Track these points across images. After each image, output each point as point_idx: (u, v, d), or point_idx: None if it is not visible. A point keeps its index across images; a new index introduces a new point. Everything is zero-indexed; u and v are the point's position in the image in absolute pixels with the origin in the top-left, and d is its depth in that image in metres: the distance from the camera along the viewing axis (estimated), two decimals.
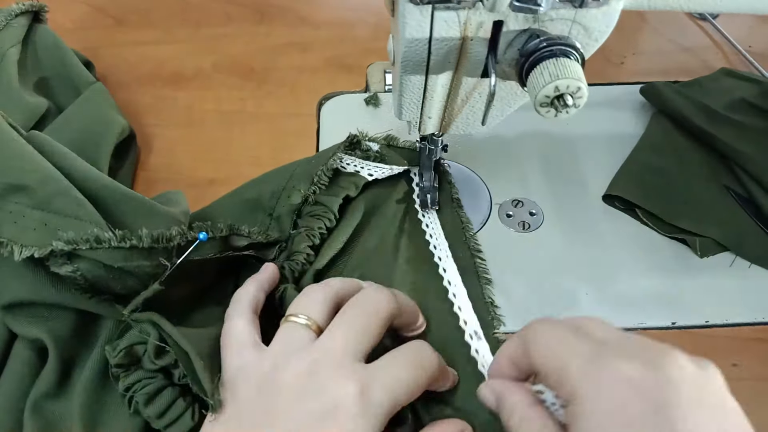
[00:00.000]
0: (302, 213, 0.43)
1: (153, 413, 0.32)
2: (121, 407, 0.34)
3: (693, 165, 0.49)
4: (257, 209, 0.43)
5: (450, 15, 0.29)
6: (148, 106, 0.56)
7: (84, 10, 0.67)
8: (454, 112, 0.38)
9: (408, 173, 0.48)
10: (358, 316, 0.32)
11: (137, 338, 0.33)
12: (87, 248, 0.32)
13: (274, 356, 0.31)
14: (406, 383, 0.30)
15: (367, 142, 0.46)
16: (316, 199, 0.43)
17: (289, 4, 0.68)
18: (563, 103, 0.27)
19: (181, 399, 0.33)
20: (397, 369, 0.30)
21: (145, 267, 0.34)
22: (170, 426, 0.33)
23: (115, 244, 0.32)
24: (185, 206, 0.43)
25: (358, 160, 0.46)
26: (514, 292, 0.42)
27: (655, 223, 0.45)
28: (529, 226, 0.46)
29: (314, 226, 0.42)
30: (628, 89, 0.56)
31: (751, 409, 0.36)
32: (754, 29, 0.65)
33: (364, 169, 0.46)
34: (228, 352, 0.33)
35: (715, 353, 0.39)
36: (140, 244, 0.33)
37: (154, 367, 0.33)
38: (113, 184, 0.37)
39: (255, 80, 0.59)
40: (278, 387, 0.30)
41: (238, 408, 0.30)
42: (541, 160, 0.51)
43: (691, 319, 0.41)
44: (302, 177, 0.43)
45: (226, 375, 0.32)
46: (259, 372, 0.31)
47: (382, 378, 0.29)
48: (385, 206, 0.46)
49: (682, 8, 0.31)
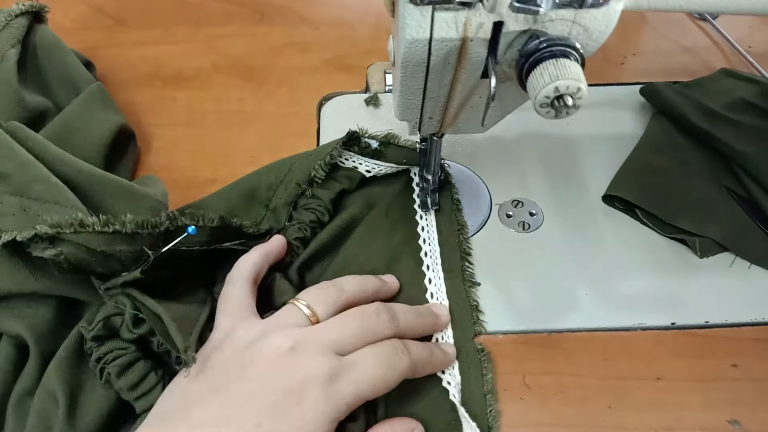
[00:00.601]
0: (298, 206, 0.43)
1: (125, 385, 0.33)
2: (96, 385, 0.34)
3: (693, 165, 0.49)
4: (254, 200, 0.43)
5: (450, 16, 0.29)
6: (147, 106, 0.56)
7: (84, 10, 0.67)
8: (454, 113, 0.38)
9: (408, 173, 0.48)
10: (355, 324, 0.33)
11: (114, 310, 0.34)
12: (71, 232, 0.32)
13: (265, 327, 0.33)
14: (374, 380, 0.32)
15: (367, 138, 0.46)
16: (313, 193, 0.44)
17: (289, 4, 0.68)
18: (563, 104, 0.27)
19: (153, 373, 0.34)
20: (368, 365, 0.32)
21: (128, 252, 0.34)
22: (140, 398, 0.34)
23: (98, 228, 0.32)
24: (163, 188, 0.44)
25: (356, 156, 0.47)
26: (514, 292, 0.42)
27: (655, 223, 0.45)
28: (529, 226, 0.46)
29: (306, 219, 0.43)
30: (628, 89, 0.56)
31: (751, 409, 0.37)
32: (754, 29, 0.65)
33: (362, 165, 0.46)
34: (222, 315, 0.35)
35: (715, 353, 0.39)
36: (123, 229, 0.33)
37: (132, 336, 0.34)
38: (89, 168, 0.38)
39: (255, 80, 0.59)
40: (257, 355, 0.31)
41: (215, 367, 0.32)
42: (541, 160, 0.51)
43: (691, 319, 0.41)
44: (300, 170, 0.44)
45: (215, 335, 0.34)
46: (246, 338, 0.33)
47: (353, 371, 0.31)
48: (383, 205, 0.46)
49: (682, 8, 0.31)
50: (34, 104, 0.47)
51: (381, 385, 0.32)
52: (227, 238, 0.39)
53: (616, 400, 0.37)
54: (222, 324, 0.34)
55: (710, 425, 0.36)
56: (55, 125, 0.46)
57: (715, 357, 0.39)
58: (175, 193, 0.45)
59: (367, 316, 0.34)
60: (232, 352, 0.32)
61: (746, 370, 0.38)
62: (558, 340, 0.40)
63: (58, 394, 0.33)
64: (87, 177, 0.37)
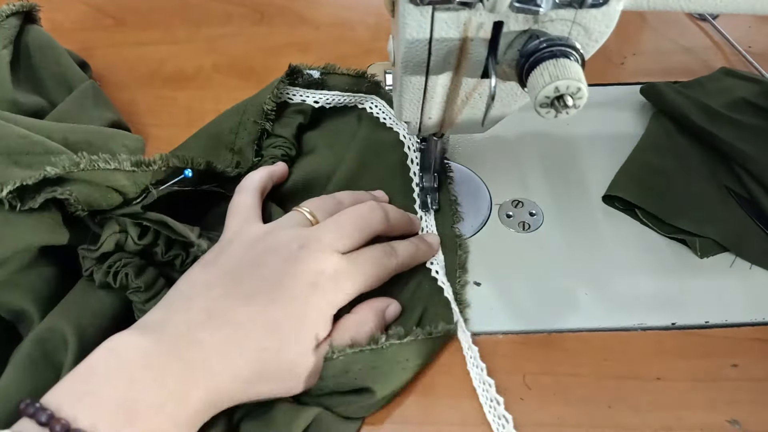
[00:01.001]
0: (263, 146, 0.47)
1: (144, 283, 0.36)
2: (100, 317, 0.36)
3: (693, 165, 0.49)
4: (219, 146, 0.47)
5: (450, 16, 0.29)
6: (148, 106, 0.56)
7: (83, 10, 0.67)
8: (454, 113, 0.38)
9: (361, 110, 0.52)
10: (349, 223, 0.37)
11: (116, 228, 0.36)
12: (81, 170, 0.35)
13: (273, 227, 0.37)
14: (368, 277, 0.36)
15: (308, 71, 0.50)
16: (274, 132, 0.48)
17: (289, 4, 0.68)
18: (563, 104, 0.27)
19: (161, 278, 0.37)
20: (364, 264, 0.36)
21: (130, 188, 0.38)
22: (150, 300, 0.36)
23: (103, 165, 0.36)
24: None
25: (302, 90, 0.50)
26: (514, 292, 0.42)
27: (654, 223, 0.45)
28: (529, 226, 0.46)
29: (278, 154, 0.47)
30: (628, 90, 0.56)
31: (751, 409, 0.37)
32: (754, 29, 0.65)
33: (309, 97, 0.50)
34: (232, 219, 0.39)
35: (715, 353, 0.39)
36: (121, 167, 0.37)
37: (137, 248, 0.37)
38: (57, 125, 0.42)
39: (255, 80, 0.59)
40: (269, 249, 0.35)
41: (230, 258, 0.35)
42: (542, 160, 0.51)
43: (691, 319, 0.41)
44: (254, 109, 0.47)
45: (226, 235, 0.38)
46: (255, 234, 0.36)
47: (352, 269, 0.35)
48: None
49: (682, 8, 0.31)
50: (28, 104, 0.47)
51: (374, 281, 0.37)
52: (207, 181, 0.43)
53: (616, 400, 0.37)
54: (232, 225, 0.38)
55: (710, 425, 0.36)
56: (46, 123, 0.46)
57: (715, 357, 0.39)
58: None
59: (363, 214, 0.38)
60: (243, 245, 0.36)
61: (746, 370, 0.38)
62: (558, 340, 0.40)
63: (67, 332, 0.34)
64: (64, 131, 0.41)
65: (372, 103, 0.52)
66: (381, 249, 0.38)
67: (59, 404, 0.27)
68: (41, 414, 0.26)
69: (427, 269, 0.42)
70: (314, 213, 0.38)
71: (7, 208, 0.34)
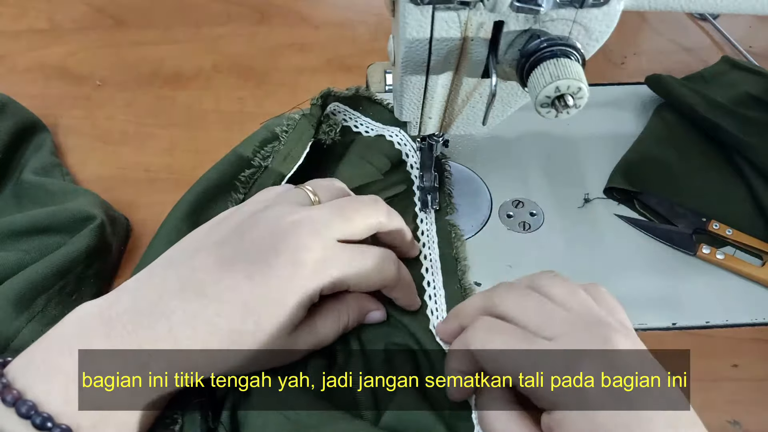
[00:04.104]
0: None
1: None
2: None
3: (693, 158, 0.50)
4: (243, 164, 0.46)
5: (450, 15, 0.29)
6: (148, 106, 0.56)
7: (83, 10, 0.67)
8: (454, 113, 0.38)
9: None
10: (349, 208, 0.35)
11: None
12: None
13: (273, 201, 0.35)
14: (361, 274, 0.34)
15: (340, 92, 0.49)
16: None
17: (289, 4, 0.68)
18: (564, 104, 0.27)
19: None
20: (361, 258, 0.34)
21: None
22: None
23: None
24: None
25: (350, 111, 0.50)
26: None
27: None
28: (530, 226, 0.46)
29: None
30: (628, 89, 0.56)
31: (751, 409, 0.37)
32: (754, 29, 0.65)
33: (350, 120, 0.50)
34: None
35: (715, 353, 0.39)
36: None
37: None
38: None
39: (255, 80, 0.59)
40: (260, 218, 0.34)
41: (223, 226, 0.34)
42: (542, 160, 0.51)
43: (691, 320, 0.41)
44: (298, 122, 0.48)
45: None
46: (253, 208, 0.35)
47: (344, 257, 0.33)
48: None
49: (683, 8, 0.31)
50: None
51: (366, 281, 0.34)
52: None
53: None
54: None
55: (710, 425, 0.35)
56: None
57: (715, 357, 0.39)
58: (175, 193, 0.45)
59: (366, 203, 0.36)
60: (238, 217, 0.35)
61: (746, 370, 0.38)
62: None
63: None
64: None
65: (390, 133, 0.50)
66: (384, 251, 0.36)
67: (16, 374, 0.27)
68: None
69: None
70: (317, 192, 0.37)
71: None
